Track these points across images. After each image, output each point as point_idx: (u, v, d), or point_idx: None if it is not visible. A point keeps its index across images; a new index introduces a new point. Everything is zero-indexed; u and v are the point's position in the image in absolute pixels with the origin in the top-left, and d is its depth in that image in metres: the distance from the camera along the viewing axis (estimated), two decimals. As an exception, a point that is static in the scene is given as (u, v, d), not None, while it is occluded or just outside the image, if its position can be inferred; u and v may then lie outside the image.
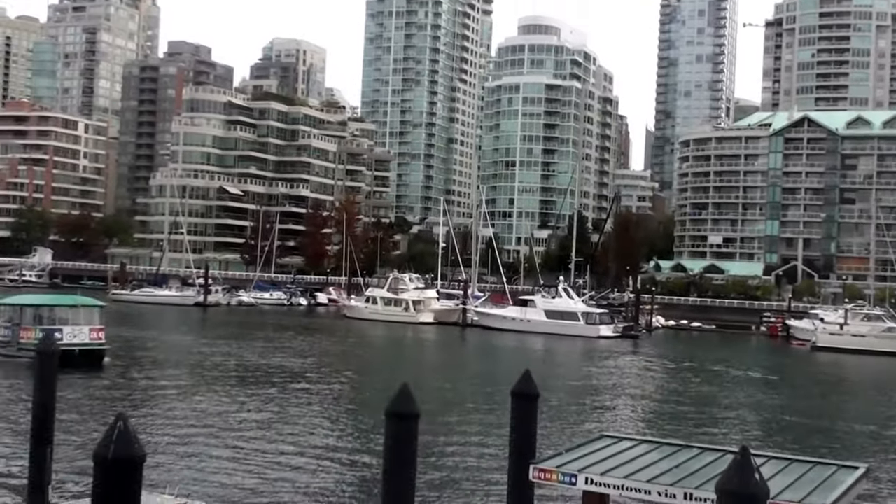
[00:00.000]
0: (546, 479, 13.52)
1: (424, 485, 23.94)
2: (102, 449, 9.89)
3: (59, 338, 45.26)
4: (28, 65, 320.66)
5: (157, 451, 27.45)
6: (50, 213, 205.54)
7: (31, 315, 49.31)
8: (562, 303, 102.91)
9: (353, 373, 58.23)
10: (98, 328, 49.83)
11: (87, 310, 50.85)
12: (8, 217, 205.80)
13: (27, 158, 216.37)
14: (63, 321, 48.84)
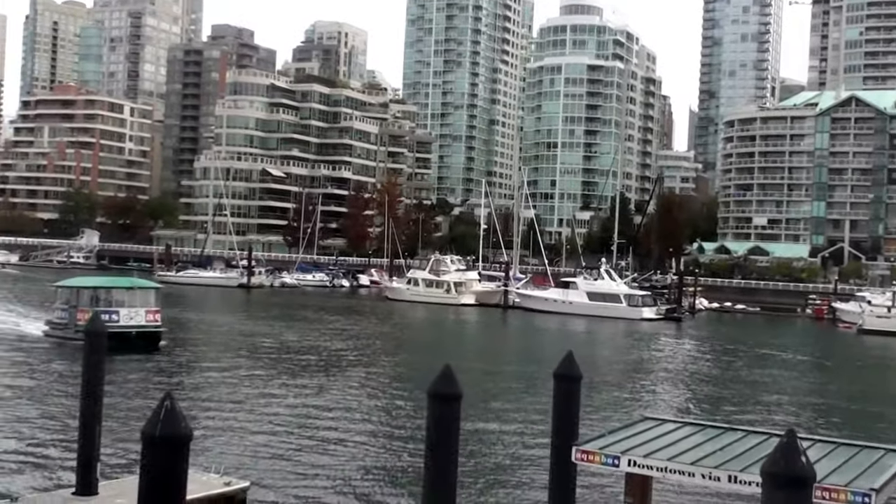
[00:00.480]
0: (589, 460, 13.50)
1: (466, 466, 23.99)
2: (150, 427, 10.03)
3: (115, 320, 45.92)
4: (75, 49, 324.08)
5: (203, 430, 27.73)
6: (97, 196, 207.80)
7: (88, 297, 48.79)
8: (604, 285, 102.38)
9: (395, 354, 58.42)
10: (154, 310, 49.51)
11: (143, 292, 50.56)
12: (56, 199, 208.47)
13: (74, 142, 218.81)
14: (119, 303, 48.59)
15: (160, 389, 35.57)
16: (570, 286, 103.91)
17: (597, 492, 23.53)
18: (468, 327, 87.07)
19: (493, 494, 23.45)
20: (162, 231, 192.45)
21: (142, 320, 48.39)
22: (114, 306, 47.88)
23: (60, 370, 40.24)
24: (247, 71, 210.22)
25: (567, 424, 15.32)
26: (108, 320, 46.11)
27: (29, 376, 38.18)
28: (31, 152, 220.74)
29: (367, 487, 23.58)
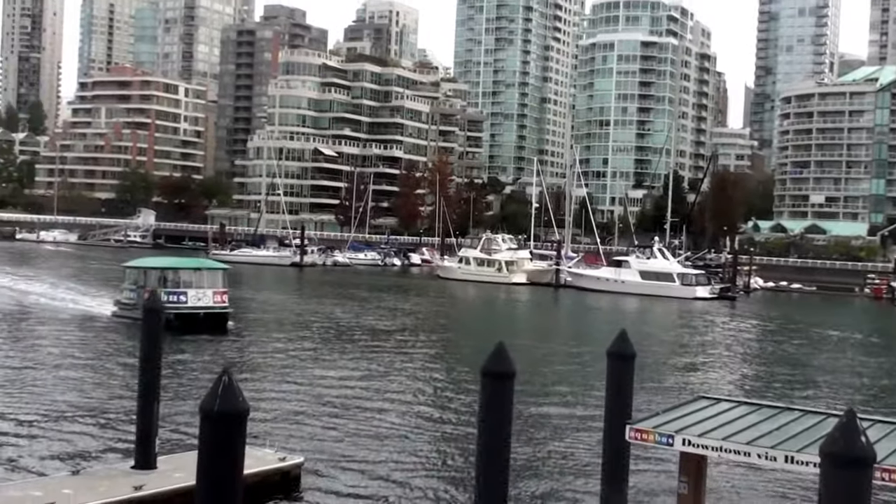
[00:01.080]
0: (643, 439, 13.46)
1: (519, 444, 24.02)
2: (208, 402, 10.17)
3: (183, 301, 46.56)
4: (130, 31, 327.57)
5: (258, 407, 28.01)
6: (152, 176, 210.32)
7: (156, 278, 48.07)
8: (657, 263, 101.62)
9: (447, 332, 58.56)
10: (222, 291, 49.09)
11: (211, 272, 50.17)
12: (113, 179, 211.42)
13: (130, 122, 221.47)
14: (187, 284, 48.21)
15: (218, 367, 36.00)
16: (623, 265, 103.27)
17: (650, 471, 23.45)
18: (520, 306, 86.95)
19: (546, 473, 23.47)
20: (216, 210, 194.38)
21: (209, 301, 48.14)
22: (182, 287, 47.69)
23: (127, 350, 40.73)
24: (299, 51, 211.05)
25: (620, 403, 15.28)
26: (176, 301, 46.34)
27: (96, 356, 38.76)
28: (88, 133, 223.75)
29: (420, 465, 23.71)
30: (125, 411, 26.49)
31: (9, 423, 25.78)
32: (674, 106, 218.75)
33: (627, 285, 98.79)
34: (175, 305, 45.90)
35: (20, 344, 41.65)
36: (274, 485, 20.06)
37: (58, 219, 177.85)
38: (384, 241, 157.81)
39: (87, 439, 24.45)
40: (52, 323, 48.92)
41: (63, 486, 17.89)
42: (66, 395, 30.02)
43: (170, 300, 45.43)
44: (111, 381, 32.69)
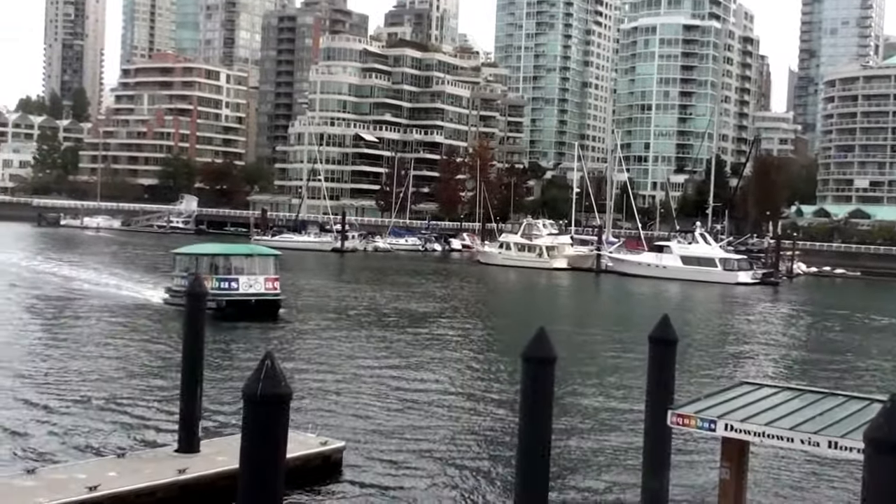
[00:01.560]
0: (684, 424, 13.38)
1: (560, 429, 23.99)
2: (251, 386, 10.24)
3: (234, 288, 46.42)
4: (172, 17, 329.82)
5: (300, 391, 28.20)
6: (195, 162, 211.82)
7: (207, 264, 47.43)
8: (699, 248, 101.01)
9: (488, 318, 58.58)
10: (273, 278, 48.42)
11: (263, 259, 49.39)
12: (156, 165, 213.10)
13: (172, 109, 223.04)
14: (238, 270, 47.62)
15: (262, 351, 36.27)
16: (664, 250, 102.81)
17: (692, 456, 23.35)
18: (560, 291, 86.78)
19: (587, 458, 23.44)
20: (258, 196, 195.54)
21: (261, 288, 47.54)
22: (233, 274, 47.26)
23: (177, 337, 40.97)
24: (340, 36, 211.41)
25: (662, 388, 15.20)
26: (228, 288, 46.29)
27: (146, 342, 38.97)
28: (131, 119, 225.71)
29: (460, 451, 23.76)
30: (171, 396, 26.78)
31: (56, 407, 26.17)
32: (716, 90, 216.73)
33: (669, 270, 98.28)
34: (226, 292, 46.03)
35: (71, 330, 42.15)
36: (315, 469, 20.20)
37: (101, 205, 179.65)
38: (425, 226, 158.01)
39: (132, 423, 24.76)
40: (104, 310, 49.13)
41: (108, 468, 18.13)
42: (113, 381, 30.40)
43: (221, 287, 45.73)
44: (159, 367, 33.01)
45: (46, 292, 57.00)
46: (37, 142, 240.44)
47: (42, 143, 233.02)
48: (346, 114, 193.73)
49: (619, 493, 20.59)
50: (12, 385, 28.58)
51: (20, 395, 27.25)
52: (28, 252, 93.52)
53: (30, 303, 51.89)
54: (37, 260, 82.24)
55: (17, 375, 30.20)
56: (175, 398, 21.89)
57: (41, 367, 32.23)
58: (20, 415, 24.94)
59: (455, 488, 20.53)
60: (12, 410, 25.39)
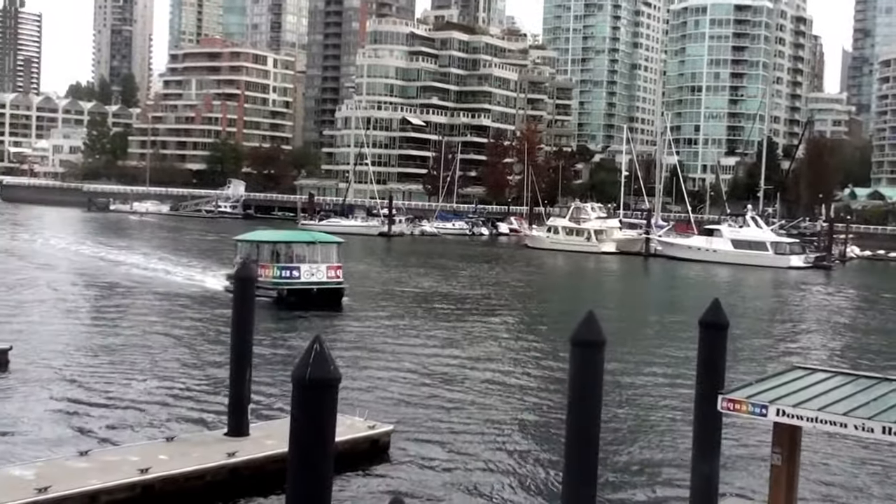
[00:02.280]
0: (735, 409, 13.29)
1: (609, 414, 23.95)
2: (300, 370, 10.33)
3: (296, 276, 45.75)
4: (219, 2, 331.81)
5: (347, 375, 28.33)
6: (242, 147, 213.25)
7: (269, 252, 46.79)
8: (750, 232, 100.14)
9: (536, 301, 58.51)
10: (336, 265, 47.51)
11: (325, 246, 48.19)
12: (204, 151, 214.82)
13: (220, 94, 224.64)
14: (300, 258, 46.77)
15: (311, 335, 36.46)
16: (715, 234, 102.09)
17: (743, 442, 23.20)
18: (609, 275, 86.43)
19: (636, 444, 23.38)
20: (305, 180, 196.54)
21: (323, 276, 46.65)
22: (294, 262, 46.49)
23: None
24: (386, 20, 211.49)
25: (713, 373, 15.09)
26: (289, 276, 45.68)
27: (203, 329, 38.98)
28: (179, 104, 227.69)
29: (508, 435, 23.79)
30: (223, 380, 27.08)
31: (109, 391, 26.55)
32: (768, 71, 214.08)
33: (719, 254, 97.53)
34: (287, 281, 45.60)
35: (126, 316, 42.37)
36: (363, 452, 20.34)
37: (150, 190, 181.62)
38: (472, 210, 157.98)
39: (183, 407, 25.07)
40: (162, 296, 48.87)
41: (158, 451, 18.39)
42: (167, 365, 30.76)
43: (282, 275, 45.48)
44: (212, 352, 33.21)
45: (102, 278, 57.72)
46: (86, 127, 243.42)
47: (92, 129, 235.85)
48: (393, 97, 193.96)
49: (669, 477, 20.52)
50: (65, 369, 29.05)
51: (73, 379, 27.69)
52: (81, 236, 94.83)
53: (89, 289, 52.58)
54: (96, 246, 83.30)
55: (70, 360, 30.68)
56: (226, 383, 22.11)
57: (94, 351, 32.70)
58: (73, 398, 25.36)
59: (503, 473, 20.57)
60: (66, 393, 25.83)
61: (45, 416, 23.38)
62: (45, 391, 25.99)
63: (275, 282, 45.30)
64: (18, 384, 26.63)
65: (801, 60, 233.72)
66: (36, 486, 15.78)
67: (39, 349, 31.87)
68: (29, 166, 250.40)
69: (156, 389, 26.89)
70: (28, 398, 25.08)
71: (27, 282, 53.09)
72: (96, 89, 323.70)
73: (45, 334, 35.26)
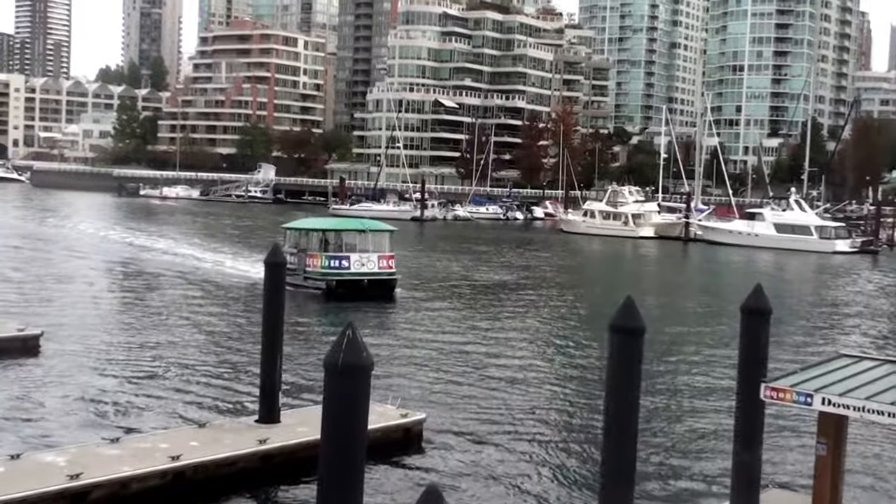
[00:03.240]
0: (779, 398, 13.21)
1: (648, 402, 23.87)
2: (332, 356, 10.35)
3: (345, 266, 44.43)
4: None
5: (380, 362, 28.41)
6: (273, 130, 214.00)
7: (317, 240, 45.62)
8: (793, 216, 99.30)
9: (572, 287, 58.37)
10: (388, 255, 45.97)
11: (377, 235, 46.59)
12: (234, 135, 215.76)
13: (250, 77, 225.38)
14: (350, 247, 45.37)
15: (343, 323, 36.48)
16: (757, 217, 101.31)
17: (787, 432, 23.05)
18: (647, 260, 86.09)
19: (677, 433, 23.29)
20: (336, 164, 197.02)
21: (374, 267, 45.07)
22: (344, 251, 45.15)
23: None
24: (419, 0, 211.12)
25: (755, 361, 14.98)
26: (338, 267, 44.38)
27: (239, 316, 38.65)
28: (209, 88, 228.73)
29: (544, 424, 23.78)
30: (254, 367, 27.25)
31: (140, 377, 26.81)
32: (813, 49, 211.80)
33: (761, 239, 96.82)
34: (336, 272, 44.31)
35: (162, 303, 42.23)
36: (396, 441, 20.40)
37: (180, 174, 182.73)
38: (506, 194, 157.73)
39: (214, 394, 25.27)
40: (213, 288, 48.12)
41: (189, 438, 18.55)
42: (199, 351, 30.98)
43: (331, 266, 44.35)
44: (247, 340, 33.16)
45: (133, 264, 58.21)
46: (116, 112, 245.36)
47: (121, 113, 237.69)
48: (426, 79, 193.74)
49: (709, 468, 20.42)
50: (96, 355, 29.36)
51: (104, 366, 27.99)
52: (113, 222, 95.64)
53: (120, 275, 53.03)
54: (126, 231, 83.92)
55: (101, 346, 31.00)
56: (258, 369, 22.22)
57: (125, 337, 33.03)
58: (104, 384, 25.63)
59: (539, 462, 20.57)
60: (96, 380, 26.11)
61: (77, 402, 23.67)
62: (76, 377, 26.29)
63: (323, 272, 44.31)
64: (50, 370, 26.98)
65: (848, 38, 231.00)
66: (68, 473, 15.99)
67: (70, 335, 32.25)
68: (59, 151, 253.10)
69: (187, 376, 27.13)
70: (59, 384, 25.39)
71: (57, 267, 53.67)
72: (126, 73, 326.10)
73: (76, 320, 35.66)
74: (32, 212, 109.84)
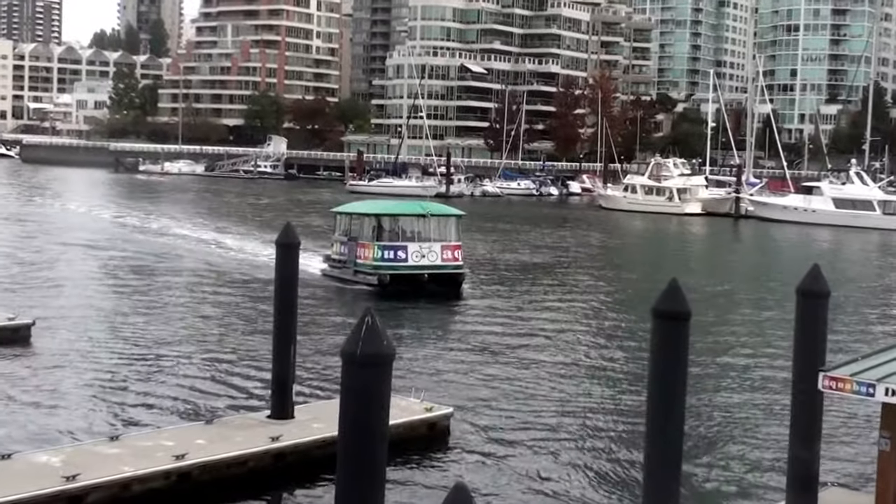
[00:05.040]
0: (838, 388, 13.19)
1: (695, 391, 23.83)
2: (350, 345, 10.35)
3: (402, 258, 40.92)
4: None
5: (403, 353, 28.46)
6: (283, 99, 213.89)
7: (370, 227, 42.15)
8: (854, 189, 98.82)
9: (612, 269, 58.33)
10: (454, 245, 42.20)
11: (441, 221, 43.07)
12: (241, 104, 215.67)
13: (259, 41, 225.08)
14: (409, 236, 42.08)
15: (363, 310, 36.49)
16: (814, 192, 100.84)
17: (847, 425, 22.99)
18: (694, 239, 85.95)
19: (727, 426, 23.26)
20: (353, 136, 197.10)
21: (437, 259, 41.41)
22: (401, 240, 41.66)
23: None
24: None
25: (812, 348, 14.95)
26: (393, 258, 41.01)
27: (257, 309, 36.37)
28: (214, 53, 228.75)
29: (579, 417, 23.77)
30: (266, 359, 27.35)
31: (141, 370, 26.94)
32: (875, 6, 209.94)
33: (819, 215, 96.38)
34: (392, 265, 40.88)
35: (165, 291, 41.87)
36: (420, 437, 20.46)
37: (183, 148, 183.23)
38: (539, 167, 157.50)
39: (222, 388, 25.33)
40: (221, 273, 47.53)
41: (196, 436, 18.64)
42: (206, 342, 31.00)
43: (384, 257, 40.91)
44: (259, 331, 32.94)
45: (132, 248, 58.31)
46: (112, 80, 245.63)
47: (118, 82, 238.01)
48: (451, 42, 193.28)
49: (763, 463, 20.42)
50: (93, 346, 29.49)
51: (101, 357, 28.07)
52: (107, 200, 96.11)
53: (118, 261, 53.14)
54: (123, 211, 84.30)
55: (98, 336, 31.11)
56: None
57: (123, 326, 33.13)
58: (102, 377, 25.73)
59: (574, 458, 20.58)
60: (93, 372, 26.19)
61: (72, 397, 23.79)
62: (72, 369, 26.44)
63: (375, 265, 40.89)
64: (43, 362, 27.13)
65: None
66: (63, 474, 16.09)
67: (64, 324, 32.41)
68: (50, 124, 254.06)
69: (193, 368, 27.24)
70: (53, 377, 25.55)
71: (48, 252, 53.96)
72: (123, 38, 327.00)
73: (70, 308, 35.81)
74: (21, 189, 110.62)
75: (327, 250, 46.23)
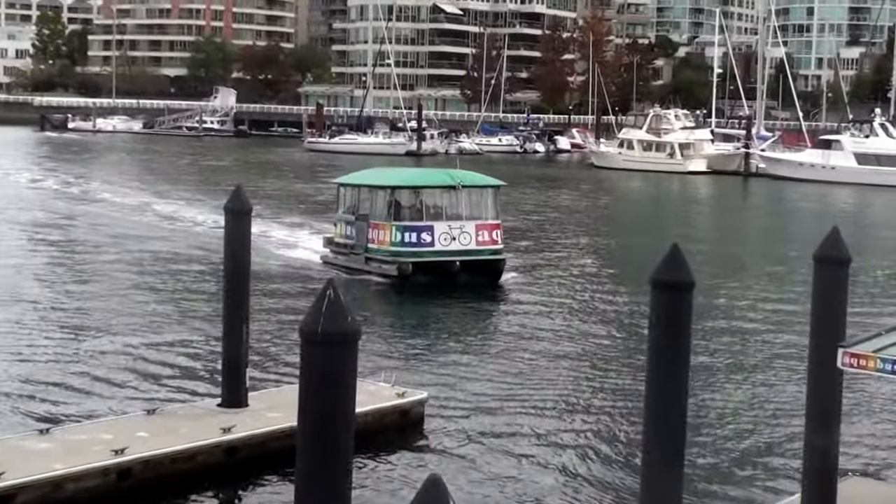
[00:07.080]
0: (860, 366, 13.27)
1: (699, 369, 23.94)
2: (310, 323, 10.34)
3: (426, 242, 36.59)
4: None
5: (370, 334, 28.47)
6: (231, 46, 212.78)
7: (384, 202, 37.65)
8: (878, 143, 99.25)
9: (606, 236, 58.57)
10: (492, 224, 37.78)
11: (474, 193, 38.40)
12: (183, 52, 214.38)
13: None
14: (434, 213, 37.47)
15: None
16: (833, 146, 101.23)
17: (869, 405, 23.18)
18: (698, 201, 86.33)
19: (736, 408, 23.40)
20: (311, 87, 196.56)
21: (470, 242, 36.82)
22: (425, 219, 37.16)
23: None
24: None
25: (831, 321, 15.03)
26: (416, 242, 36.65)
27: (203, 285, 36.71)
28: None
29: (569, 403, 23.81)
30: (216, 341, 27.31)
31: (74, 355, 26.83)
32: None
33: (839, 172, 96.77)
34: (414, 250, 36.59)
35: (107, 268, 41.71)
36: (391, 425, 20.51)
37: (118, 102, 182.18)
38: (523, 121, 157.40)
39: (166, 373, 25.23)
40: (163, 244, 46.89)
41: (137, 428, 18.58)
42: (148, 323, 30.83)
43: (405, 241, 36.62)
44: (210, 310, 32.94)
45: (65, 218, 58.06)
46: (35, 25, 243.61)
47: (42, 27, 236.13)
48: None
49: (776, 450, 20.54)
50: (17, 330, 29.30)
51: (26, 342, 27.90)
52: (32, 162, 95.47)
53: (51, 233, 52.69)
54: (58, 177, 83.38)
55: (23, 318, 30.91)
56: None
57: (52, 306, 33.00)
58: (28, 366, 25.52)
59: (562, 448, 20.61)
60: (18, 361, 25.97)
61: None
62: (-6, 355, 26.32)
63: (394, 251, 36.59)
64: (-39, 347, 27.00)
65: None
66: (-14, 473, 16.04)
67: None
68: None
69: (132, 352, 27.03)
70: (-27, 364, 25.42)
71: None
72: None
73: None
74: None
75: (298, 230, 45.19)
